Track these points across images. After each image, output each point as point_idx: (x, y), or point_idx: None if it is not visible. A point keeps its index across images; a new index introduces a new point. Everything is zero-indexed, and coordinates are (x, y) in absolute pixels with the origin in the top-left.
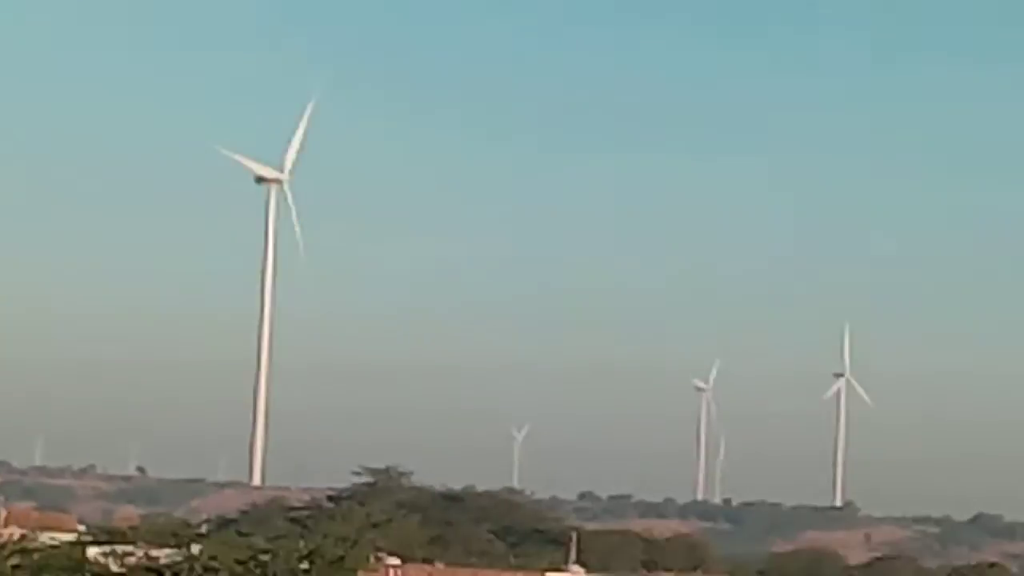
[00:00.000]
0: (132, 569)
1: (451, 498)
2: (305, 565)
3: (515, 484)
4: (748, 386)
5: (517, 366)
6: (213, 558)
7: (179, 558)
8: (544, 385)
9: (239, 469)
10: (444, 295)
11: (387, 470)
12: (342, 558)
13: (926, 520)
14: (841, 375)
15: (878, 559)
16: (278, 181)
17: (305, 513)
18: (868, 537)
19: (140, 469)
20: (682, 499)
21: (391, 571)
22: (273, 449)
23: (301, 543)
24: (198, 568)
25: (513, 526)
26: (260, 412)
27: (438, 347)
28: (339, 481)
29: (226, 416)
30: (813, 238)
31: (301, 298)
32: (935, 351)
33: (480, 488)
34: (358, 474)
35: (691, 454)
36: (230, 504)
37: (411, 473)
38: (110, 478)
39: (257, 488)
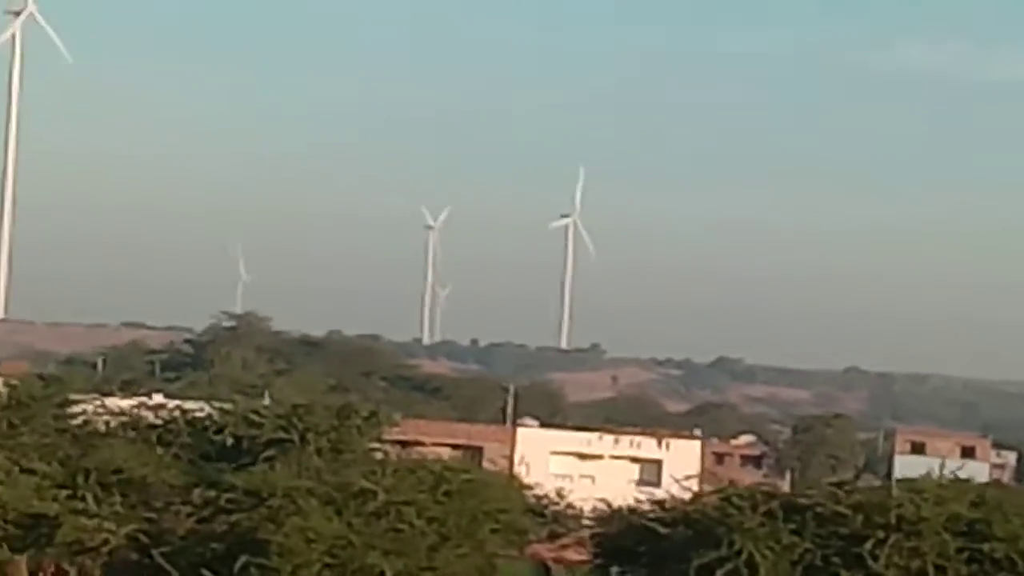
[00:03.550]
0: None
1: (311, 343)
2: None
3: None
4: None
5: None
6: (255, 412)
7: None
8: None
9: None
10: None
11: (247, 315)
12: (374, 414)
13: (668, 363)
14: (568, 216)
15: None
16: None
17: (164, 356)
18: (615, 379)
19: None
20: (426, 339)
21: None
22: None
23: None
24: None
25: (377, 372)
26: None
27: None
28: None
29: None
30: None
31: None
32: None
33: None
34: (217, 319)
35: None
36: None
37: (270, 318)
38: None
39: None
